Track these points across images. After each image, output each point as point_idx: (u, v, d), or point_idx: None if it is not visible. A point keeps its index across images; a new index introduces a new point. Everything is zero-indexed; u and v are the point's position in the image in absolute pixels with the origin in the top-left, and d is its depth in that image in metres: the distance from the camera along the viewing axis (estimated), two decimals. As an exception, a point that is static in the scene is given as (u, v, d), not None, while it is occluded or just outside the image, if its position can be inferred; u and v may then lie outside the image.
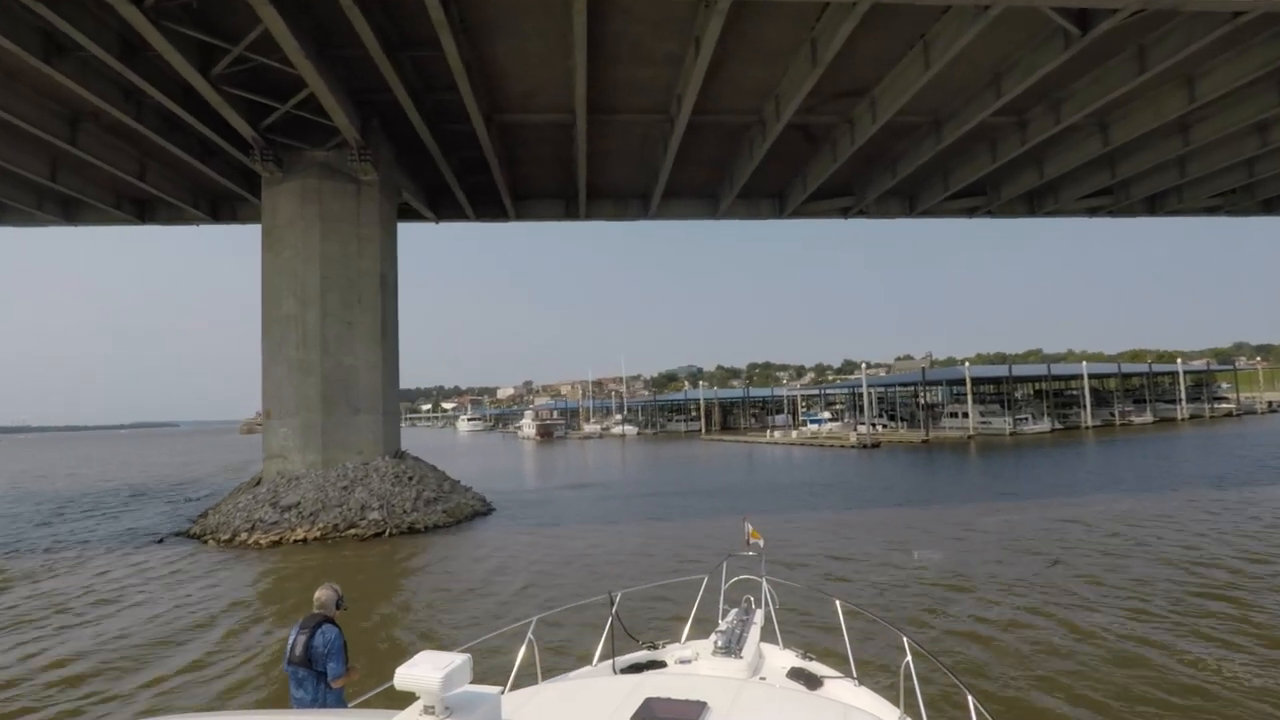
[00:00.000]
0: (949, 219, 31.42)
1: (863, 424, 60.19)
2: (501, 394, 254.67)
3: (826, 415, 64.98)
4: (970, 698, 3.41)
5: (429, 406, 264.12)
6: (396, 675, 2.33)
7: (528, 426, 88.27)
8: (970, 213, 29.98)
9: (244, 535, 17.47)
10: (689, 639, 5.06)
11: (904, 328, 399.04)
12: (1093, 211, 30.93)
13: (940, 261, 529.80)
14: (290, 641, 4.88)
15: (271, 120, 19.27)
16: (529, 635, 4.20)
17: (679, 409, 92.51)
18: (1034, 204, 30.19)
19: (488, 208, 28.67)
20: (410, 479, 20.23)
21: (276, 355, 20.37)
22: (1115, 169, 25.51)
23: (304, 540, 17.38)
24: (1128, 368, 67.13)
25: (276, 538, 17.31)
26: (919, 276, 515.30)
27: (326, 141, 20.22)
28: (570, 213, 29.14)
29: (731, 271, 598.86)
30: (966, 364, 53.30)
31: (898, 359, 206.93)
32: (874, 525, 17.89)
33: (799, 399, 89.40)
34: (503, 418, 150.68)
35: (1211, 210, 32.39)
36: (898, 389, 69.19)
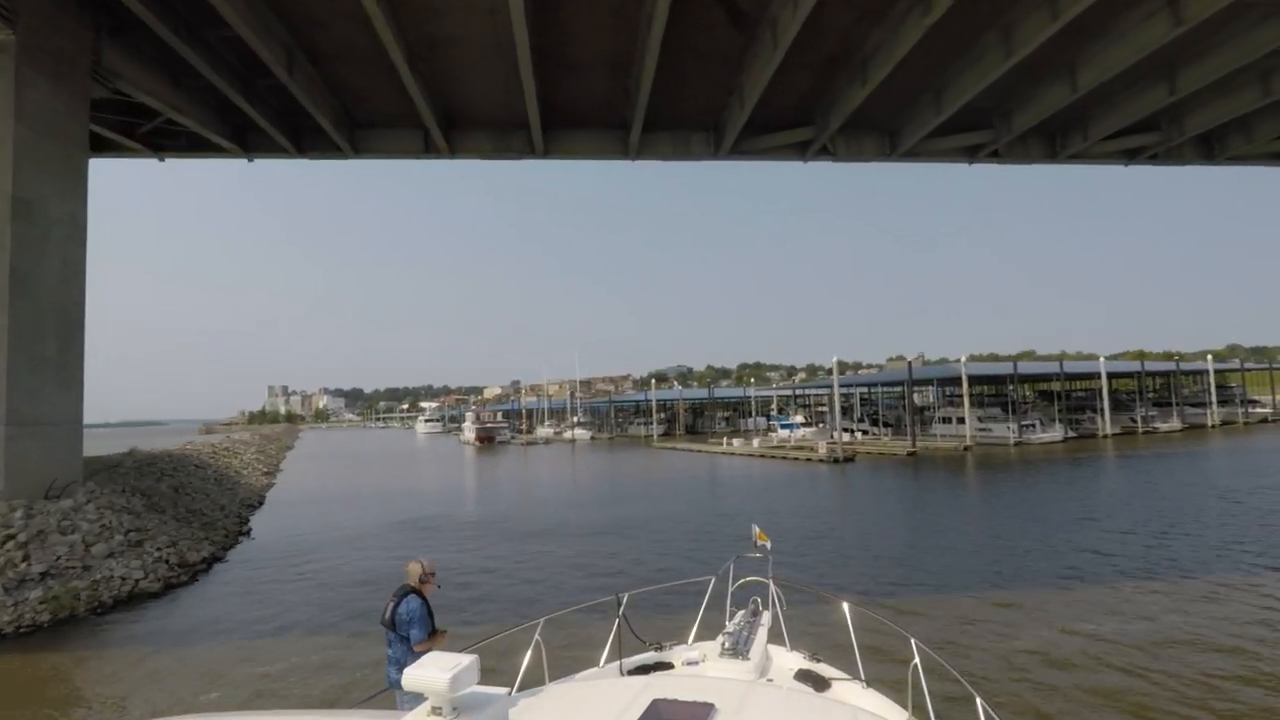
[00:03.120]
0: (940, 163, 24.92)
1: (845, 429, 53.96)
2: (489, 393, 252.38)
3: (799, 419, 58.69)
4: (979, 701, 3.62)
5: (405, 406, 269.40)
6: (405, 676, 2.56)
7: (468, 430, 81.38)
8: (971, 154, 23.50)
9: None
10: (696, 640, 5.37)
11: (899, 327, 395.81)
12: (1131, 156, 24.54)
13: (921, 260, 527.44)
14: (384, 607, 5.58)
15: None
16: (536, 636, 4.58)
17: (642, 411, 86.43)
18: (1055, 144, 23.79)
19: (307, 137, 21.78)
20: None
21: None
22: (1175, 81, 19.11)
23: None
24: (1151, 366, 61.26)
25: None
26: (912, 271, 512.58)
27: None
28: (430, 147, 22.27)
29: (737, 268, 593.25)
30: (963, 361, 46.93)
31: (889, 360, 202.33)
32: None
33: (773, 400, 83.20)
34: (458, 419, 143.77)
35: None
36: (881, 389, 63.06)
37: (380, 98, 20.11)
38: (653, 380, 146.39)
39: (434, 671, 2.49)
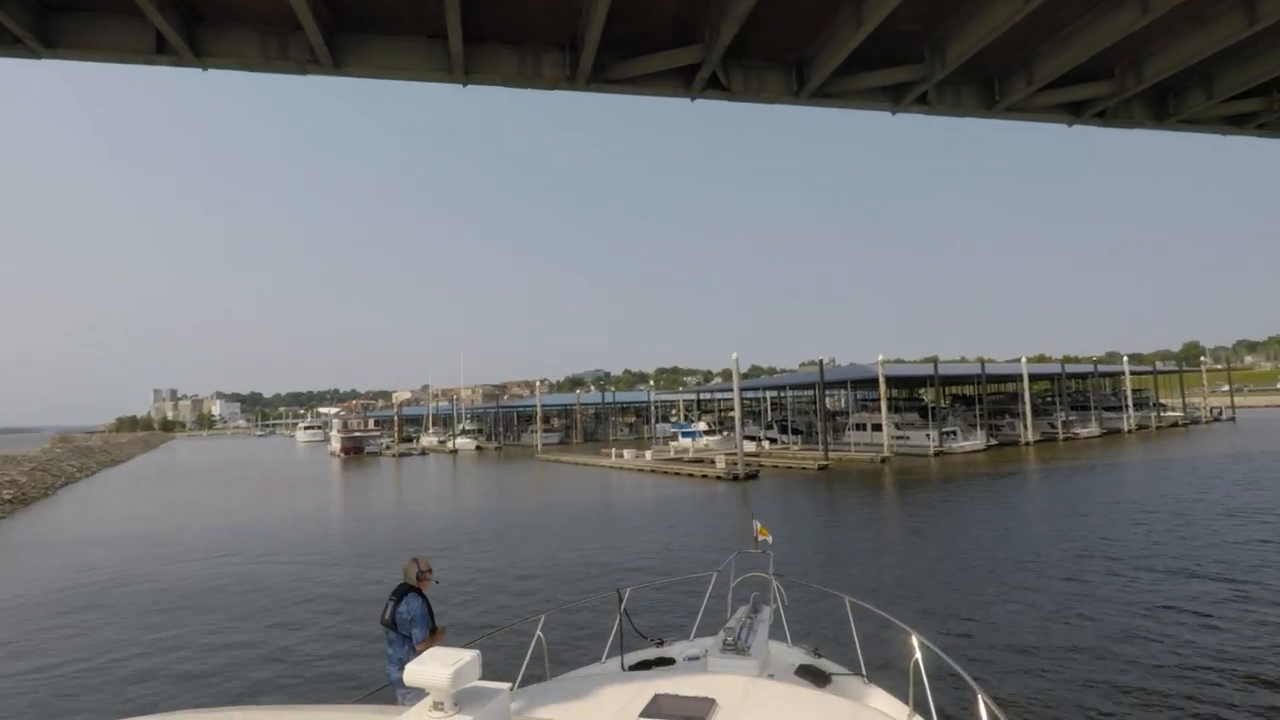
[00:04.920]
0: (860, 109, 20.74)
1: (751, 437, 50.15)
2: (397, 398, 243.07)
3: (702, 427, 54.64)
4: (981, 695, 3.50)
5: (302, 412, 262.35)
6: (406, 672, 2.56)
7: (334, 439, 73.29)
8: (896, 97, 19.38)
9: None
10: (697, 636, 5.49)
11: (811, 331, 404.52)
12: (1076, 112, 21.05)
13: (830, 266, 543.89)
14: (384, 606, 5.66)
15: None
16: (538, 632, 4.82)
17: (539, 418, 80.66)
18: (993, 91, 20.05)
19: None
20: None
21: None
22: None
23: None
24: (1071, 368, 60.54)
25: None
26: (816, 272, 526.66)
27: None
28: (165, 48, 16.09)
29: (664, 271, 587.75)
30: (879, 361, 43.81)
31: (802, 365, 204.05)
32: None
33: (678, 406, 79.31)
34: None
35: None
36: (790, 393, 59.89)
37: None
38: (573, 385, 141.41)
39: (435, 667, 2.51)
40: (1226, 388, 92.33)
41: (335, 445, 71.10)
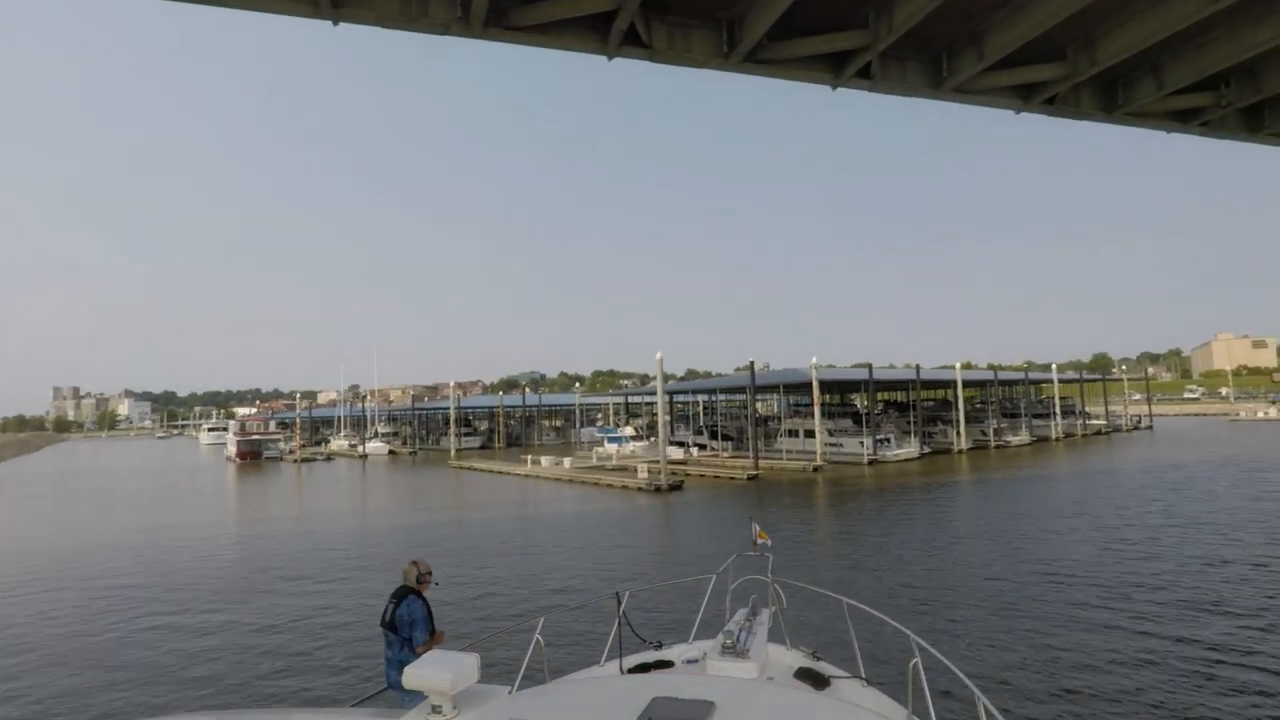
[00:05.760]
0: (800, 83, 18.84)
1: (678, 443, 48.15)
2: (323, 398, 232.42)
3: (629, 432, 52.44)
4: (980, 698, 3.58)
5: (219, 413, 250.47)
6: (405, 674, 2.65)
7: (230, 443, 67.89)
8: (837, 69, 17.52)
9: None
10: (696, 639, 5.49)
11: (742, 336, 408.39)
12: (1026, 97, 19.67)
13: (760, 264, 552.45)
14: (383, 609, 5.72)
15: None
16: (536, 635, 4.69)
17: (463, 420, 77.04)
18: (941, 68, 18.49)
19: None
20: None
21: None
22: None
23: None
24: (1003, 375, 60.89)
25: None
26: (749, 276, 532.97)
27: None
28: None
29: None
30: (813, 364, 42.30)
31: (737, 369, 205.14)
32: None
33: (605, 409, 76.95)
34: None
35: None
36: (721, 397, 58.32)
37: None
38: (508, 386, 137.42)
39: (434, 670, 2.59)
40: (1139, 396, 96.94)
41: (231, 449, 65.80)
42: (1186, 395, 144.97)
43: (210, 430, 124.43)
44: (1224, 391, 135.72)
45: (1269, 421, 75.86)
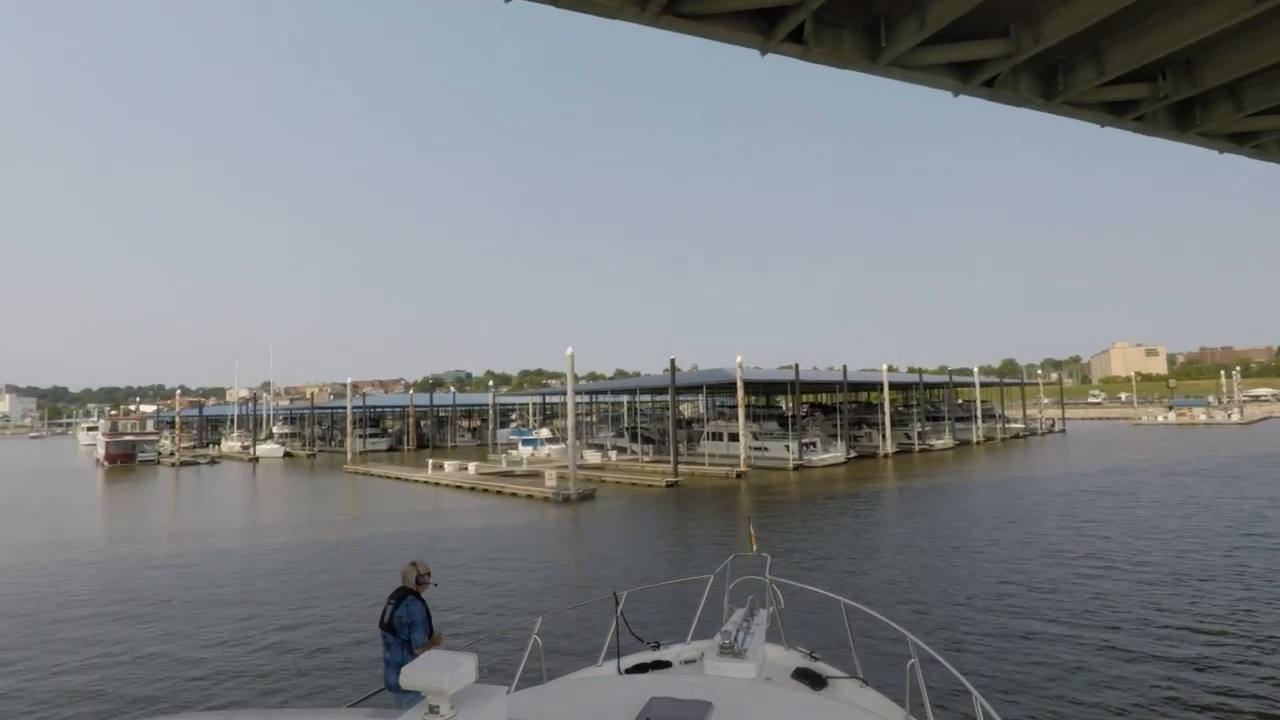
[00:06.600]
0: (730, 45, 16.98)
1: (596, 446, 45.94)
2: (232, 396, 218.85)
3: (545, 434, 49.99)
4: (977, 698, 3.64)
5: (113, 411, 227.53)
6: (403, 674, 2.50)
7: (100, 444, 61.72)
8: (767, 29, 15.72)
9: None
10: (694, 639, 5.44)
11: (663, 336, 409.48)
12: (964, 77, 18.39)
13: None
14: (382, 610, 5.66)
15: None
16: (534, 635, 4.81)
17: (372, 420, 72.73)
18: (879, 39, 17.01)
19: None
20: None
21: None
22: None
23: None
24: (929, 379, 61.31)
25: None
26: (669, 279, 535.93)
27: None
28: None
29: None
30: (738, 363, 40.83)
31: (665, 371, 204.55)
32: None
33: (520, 408, 74.09)
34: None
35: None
36: (640, 398, 56.50)
37: None
38: (433, 385, 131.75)
39: (432, 670, 2.48)
40: (1048, 400, 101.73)
41: (100, 451, 59.76)
42: (1090, 400, 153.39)
43: (89, 430, 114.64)
44: (1124, 396, 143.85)
45: (1167, 425, 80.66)
